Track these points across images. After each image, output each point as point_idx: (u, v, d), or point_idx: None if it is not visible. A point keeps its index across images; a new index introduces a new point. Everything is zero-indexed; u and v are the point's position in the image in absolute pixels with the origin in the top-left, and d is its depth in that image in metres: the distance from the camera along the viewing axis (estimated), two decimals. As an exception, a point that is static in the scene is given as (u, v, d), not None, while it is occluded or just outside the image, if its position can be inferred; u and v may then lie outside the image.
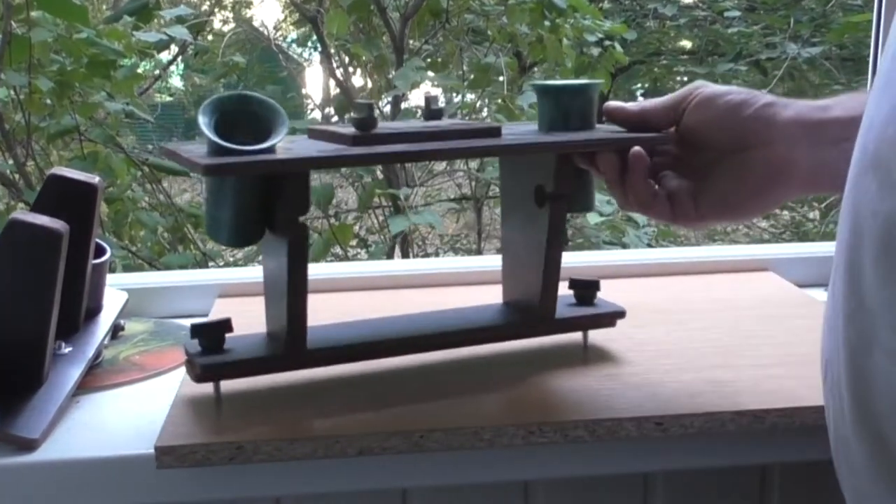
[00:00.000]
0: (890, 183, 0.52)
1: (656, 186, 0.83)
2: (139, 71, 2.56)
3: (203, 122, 0.74)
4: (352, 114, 0.83)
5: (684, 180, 0.83)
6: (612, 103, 0.85)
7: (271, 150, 0.75)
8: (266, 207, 0.80)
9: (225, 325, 0.83)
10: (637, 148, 0.81)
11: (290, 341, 0.82)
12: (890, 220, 0.52)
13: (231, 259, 3.40)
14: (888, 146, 0.53)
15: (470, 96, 3.16)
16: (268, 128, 0.76)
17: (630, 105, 0.85)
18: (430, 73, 3.11)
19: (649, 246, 2.81)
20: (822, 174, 0.78)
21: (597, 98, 0.87)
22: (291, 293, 0.80)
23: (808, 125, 0.78)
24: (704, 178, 0.82)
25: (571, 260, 1.22)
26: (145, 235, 2.59)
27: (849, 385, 0.56)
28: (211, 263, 2.77)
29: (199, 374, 0.81)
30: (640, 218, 2.84)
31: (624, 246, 2.83)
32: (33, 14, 2.10)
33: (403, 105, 3.11)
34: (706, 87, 0.82)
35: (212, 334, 0.83)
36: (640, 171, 0.81)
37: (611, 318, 0.94)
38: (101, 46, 2.23)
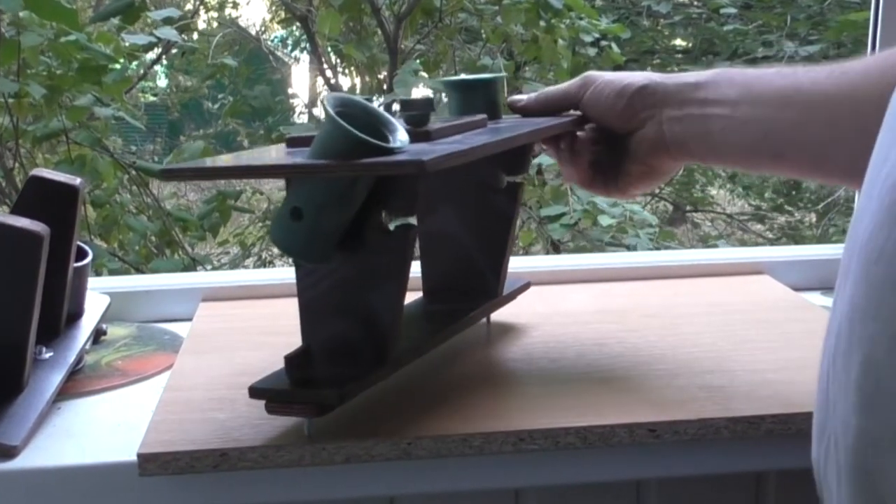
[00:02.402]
0: None
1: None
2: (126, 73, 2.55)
3: (342, 120, 0.70)
4: (398, 109, 0.81)
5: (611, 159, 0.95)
6: (515, 97, 0.97)
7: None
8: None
9: (309, 350, 0.78)
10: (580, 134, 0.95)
11: (387, 343, 0.78)
12: None
13: (217, 263, 3.39)
14: None
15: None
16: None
17: (528, 97, 0.96)
18: (425, 75, 3.10)
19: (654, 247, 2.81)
20: (685, 147, 0.89)
21: (501, 90, 0.94)
22: (400, 291, 0.78)
23: (675, 101, 0.89)
24: (611, 156, 0.94)
25: (563, 263, 1.21)
26: (132, 239, 2.58)
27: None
28: (199, 268, 2.76)
29: (336, 399, 0.75)
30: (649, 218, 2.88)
31: (626, 247, 2.83)
32: (21, 14, 2.09)
33: (395, 106, 3.10)
34: (597, 79, 0.93)
35: (307, 360, 0.78)
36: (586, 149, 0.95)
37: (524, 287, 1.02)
38: (92, 51, 2.22)
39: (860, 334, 0.51)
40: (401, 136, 0.73)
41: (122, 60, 2.40)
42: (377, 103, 0.78)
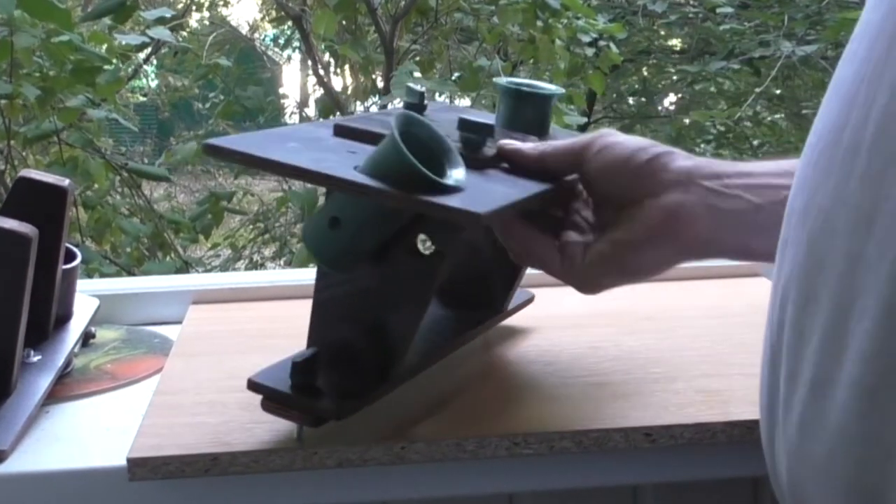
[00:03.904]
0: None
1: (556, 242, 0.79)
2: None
3: (405, 140, 0.68)
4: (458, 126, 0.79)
5: (581, 238, 0.79)
6: (508, 144, 0.79)
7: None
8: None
9: (318, 355, 0.76)
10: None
11: (395, 361, 0.76)
12: None
13: (209, 266, 3.39)
14: None
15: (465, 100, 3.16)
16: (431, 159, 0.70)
17: (527, 148, 0.79)
18: (419, 75, 3.10)
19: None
20: (719, 230, 0.74)
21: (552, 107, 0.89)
22: (419, 315, 0.75)
23: (707, 174, 0.74)
24: (602, 235, 0.77)
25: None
26: (124, 241, 2.57)
27: None
28: (192, 270, 2.75)
29: (333, 413, 0.73)
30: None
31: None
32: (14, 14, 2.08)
33: (389, 106, 3.10)
34: (608, 136, 0.78)
35: (309, 370, 0.75)
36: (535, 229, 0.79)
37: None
38: (86, 52, 2.22)
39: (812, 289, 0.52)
40: (457, 174, 0.70)
41: (114, 61, 2.39)
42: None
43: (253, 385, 0.74)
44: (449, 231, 0.75)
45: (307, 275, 1.17)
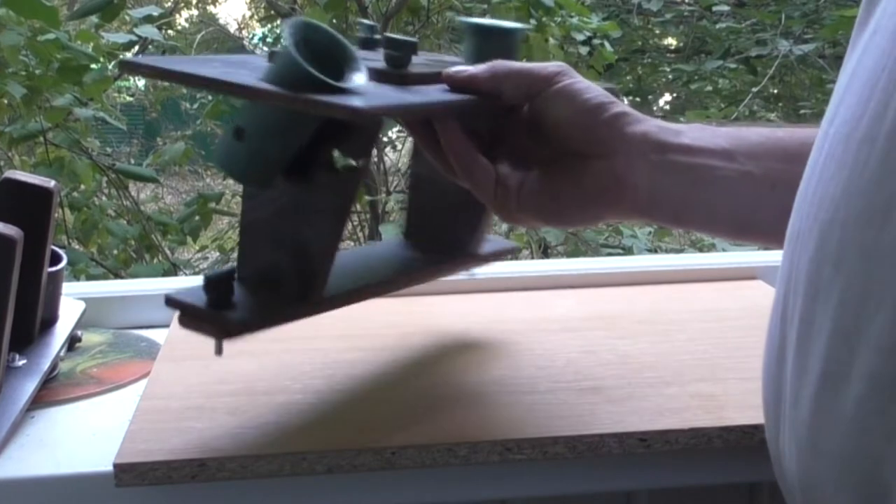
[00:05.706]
0: None
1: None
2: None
3: (292, 49, 0.66)
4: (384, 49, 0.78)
5: (518, 171, 0.78)
6: (455, 68, 0.76)
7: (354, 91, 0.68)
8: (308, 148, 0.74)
9: (231, 274, 0.75)
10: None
11: (313, 281, 0.75)
12: None
13: (198, 269, 3.39)
14: None
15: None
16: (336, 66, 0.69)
17: (474, 68, 0.76)
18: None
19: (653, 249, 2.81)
20: (657, 201, 0.74)
21: (520, 45, 0.84)
22: (335, 232, 0.74)
23: (654, 144, 0.74)
24: (540, 172, 0.77)
25: (550, 268, 1.20)
26: (111, 243, 2.56)
27: None
28: (180, 273, 2.74)
29: (238, 327, 0.72)
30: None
31: (623, 248, 2.82)
32: (-1, 12, 2.08)
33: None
34: (570, 78, 0.76)
35: (223, 286, 0.74)
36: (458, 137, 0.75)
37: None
38: (73, 50, 2.21)
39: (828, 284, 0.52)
40: (357, 78, 0.69)
41: (102, 60, 2.38)
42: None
43: (169, 301, 0.74)
44: (364, 143, 0.73)
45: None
